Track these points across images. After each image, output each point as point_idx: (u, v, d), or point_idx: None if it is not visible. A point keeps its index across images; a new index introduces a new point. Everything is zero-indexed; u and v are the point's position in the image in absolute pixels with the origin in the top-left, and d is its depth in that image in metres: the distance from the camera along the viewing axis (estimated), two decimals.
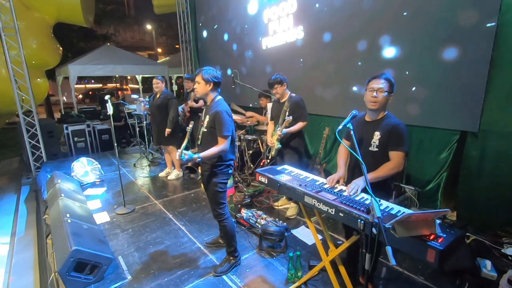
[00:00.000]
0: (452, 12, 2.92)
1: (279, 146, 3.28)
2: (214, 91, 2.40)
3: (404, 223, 1.34)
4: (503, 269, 2.33)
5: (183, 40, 8.43)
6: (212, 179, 2.42)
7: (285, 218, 3.43)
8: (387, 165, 1.87)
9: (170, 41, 24.77)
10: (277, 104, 3.43)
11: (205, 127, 2.38)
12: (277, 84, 3.27)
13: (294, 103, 3.25)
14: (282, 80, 3.27)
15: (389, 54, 3.57)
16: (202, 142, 2.44)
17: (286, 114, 3.23)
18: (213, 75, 2.33)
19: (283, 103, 3.32)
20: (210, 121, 2.33)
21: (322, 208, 1.76)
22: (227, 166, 2.44)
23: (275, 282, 2.38)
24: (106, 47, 9.51)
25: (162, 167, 5.50)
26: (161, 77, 4.60)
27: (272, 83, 3.30)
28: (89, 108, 10.52)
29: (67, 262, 2.22)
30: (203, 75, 2.31)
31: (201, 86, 2.35)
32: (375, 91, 1.88)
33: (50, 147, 5.92)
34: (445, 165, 3.14)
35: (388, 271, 2.46)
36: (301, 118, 3.25)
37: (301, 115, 3.25)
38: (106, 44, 10.99)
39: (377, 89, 1.87)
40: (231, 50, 6.74)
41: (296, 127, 3.23)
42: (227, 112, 2.32)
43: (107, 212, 3.70)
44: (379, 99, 1.88)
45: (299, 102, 3.28)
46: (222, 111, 2.29)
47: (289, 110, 3.23)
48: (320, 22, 4.43)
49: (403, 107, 3.42)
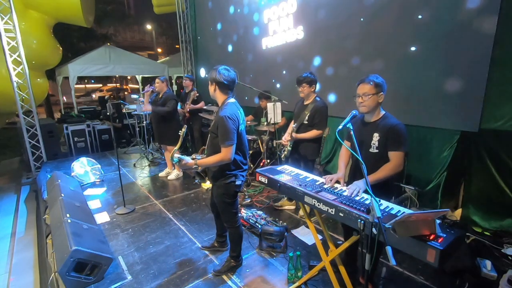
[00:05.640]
0: (452, 11, 2.92)
1: (289, 149, 3.21)
2: (222, 93, 2.19)
3: (404, 223, 1.34)
4: (503, 269, 2.33)
5: (183, 40, 8.43)
6: (217, 190, 2.28)
7: (288, 217, 3.43)
8: (387, 166, 1.88)
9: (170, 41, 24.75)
10: (300, 105, 3.25)
11: (210, 131, 2.23)
12: (306, 83, 3.05)
13: (316, 109, 3.06)
14: (312, 81, 3.05)
15: (388, 54, 3.58)
16: (208, 147, 2.29)
17: (305, 117, 3.10)
18: (217, 76, 2.13)
19: (306, 105, 3.14)
20: (214, 126, 2.17)
21: (322, 208, 1.76)
22: (230, 177, 2.22)
23: (275, 282, 2.38)
24: (106, 47, 9.50)
25: (162, 167, 5.50)
26: (164, 77, 4.56)
27: (301, 81, 3.06)
28: (89, 108, 10.52)
29: (67, 262, 2.22)
30: (210, 75, 2.18)
31: (209, 87, 2.22)
32: (361, 96, 1.92)
33: (50, 147, 5.92)
34: (445, 165, 3.14)
35: (388, 271, 2.46)
36: (317, 126, 3.06)
37: (319, 123, 3.05)
38: (106, 44, 10.98)
39: (362, 93, 1.92)
40: (231, 50, 6.75)
41: (308, 135, 3.09)
42: (230, 117, 2.06)
43: (107, 212, 3.70)
44: (366, 103, 1.91)
45: (321, 109, 3.06)
46: (224, 117, 2.05)
47: (309, 114, 3.08)
48: (320, 22, 4.43)
49: (403, 107, 3.42)
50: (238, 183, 2.26)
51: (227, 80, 2.15)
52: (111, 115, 4.03)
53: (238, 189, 2.30)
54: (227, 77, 2.15)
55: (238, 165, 2.25)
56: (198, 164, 2.13)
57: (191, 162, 2.13)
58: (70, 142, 6.60)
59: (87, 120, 7.18)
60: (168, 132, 4.54)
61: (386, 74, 3.46)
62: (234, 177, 2.24)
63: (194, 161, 2.14)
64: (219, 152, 2.11)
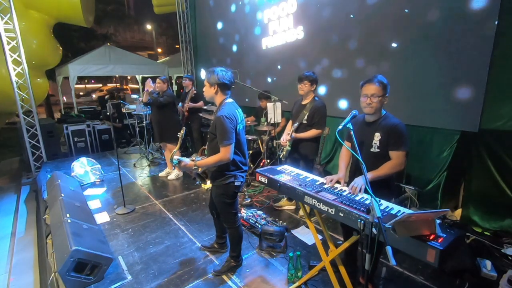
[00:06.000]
0: (453, 11, 2.92)
1: (288, 149, 3.22)
2: (222, 94, 2.21)
3: (404, 223, 1.34)
4: (503, 269, 2.34)
5: (183, 40, 8.43)
6: (216, 190, 2.29)
7: (288, 217, 3.43)
8: (388, 164, 1.88)
9: (170, 41, 24.76)
10: (299, 105, 3.26)
11: (209, 132, 2.24)
12: (307, 81, 3.07)
13: (314, 108, 3.09)
14: (314, 80, 3.09)
15: (388, 54, 3.58)
16: (207, 148, 2.30)
17: (304, 117, 3.12)
18: (218, 77, 2.14)
19: (304, 105, 3.17)
20: (212, 126, 2.19)
21: (322, 208, 1.76)
22: (229, 177, 2.22)
23: (275, 282, 2.38)
24: (106, 47, 9.51)
25: (162, 167, 5.50)
26: (165, 77, 4.59)
27: (302, 78, 3.09)
28: (89, 108, 10.52)
29: (67, 262, 2.22)
30: (207, 77, 2.17)
31: (206, 89, 2.21)
32: (369, 97, 1.90)
33: (50, 147, 5.91)
34: (445, 165, 3.15)
35: (388, 271, 2.46)
36: (317, 126, 3.09)
37: (318, 122, 3.08)
38: (106, 44, 10.97)
39: (371, 94, 1.89)
40: (231, 50, 6.75)
41: (307, 134, 3.11)
42: (228, 116, 2.08)
43: (107, 212, 3.70)
44: (374, 104, 1.90)
45: (320, 109, 3.09)
46: (222, 116, 2.06)
47: (308, 114, 3.10)
48: (320, 22, 4.43)
49: (403, 107, 3.42)
50: (237, 184, 2.26)
51: (228, 81, 2.18)
52: (111, 115, 4.03)
53: (237, 189, 2.29)
54: (228, 77, 2.18)
55: (237, 166, 2.25)
56: (198, 165, 2.13)
57: (191, 163, 2.13)
58: (70, 142, 6.60)
59: (87, 120, 7.18)
60: (168, 129, 4.55)
61: (386, 74, 3.47)
62: (233, 177, 2.23)
63: (193, 162, 2.14)
64: (217, 153, 2.12)
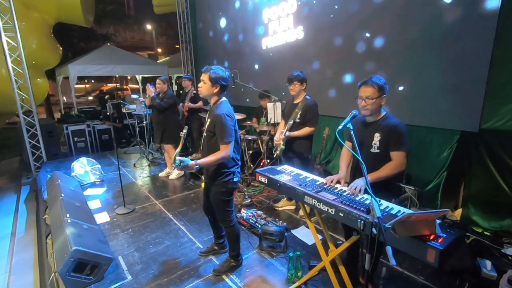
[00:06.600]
0: (453, 11, 2.92)
1: (282, 147, 3.24)
2: (220, 93, 2.23)
3: (404, 223, 1.34)
4: (503, 269, 2.33)
5: (183, 40, 8.43)
6: (214, 188, 2.30)
7: (288, 217, 3.43)
8: (389, 165, 1.88)
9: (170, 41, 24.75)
10: (291, 104, 3.31)
11: (205, 131, 2.26)
12: (297, 81, 3.14)
13: (306, 107, 3.14)
14: (303, 79, 3.15)
15: (388, 54, 3.58)
16: (204, 147, 2.32)
17: (297, 116, 3.16)
18: (222, 77, 2.14)
19: (296, 104, 3.22)
20: (210, 125, 2.19)
21: (322, 208, 1.76)
22: (229, 174, 2.27)
23: (275, 282, 2.38)
24: (106, 47, 9.51)
25: (162, 167, 5.50)
26: (165, 77, 4.59)
27: (292, 79, 3.15)
28: (89, 108, 10.51)
29: (67, 262, 2.22)
30: (211, 75, 2.13)
31: (206, 86, 2.16)
32: (364, 99, 1.91)
33: (50, 147, 5.91)
34: (445, 165, 3.15)
35: (388, 271, 2.46)
36: (310, 123, 3.14)
37: (310, 120, 3.14)
38: (106, 44, 10.97)
39: (365, 97, 1.90)
40: (230, 50, 6.75)
41: (301, 132, 3.15)
42: (228, 114, 2.13)
43: (107, 212, 3.70)
44: (369, 106, 1.90)
45: (312, 107, 3.15)
46: (222, 114, 2.09)
47: (301, 112, 3.15)
48: (320, 22, 4.44)
49: (403, 107, 3.42)
50: (235, 180, 2.33)
51: (229, 81, 2.23)
52: (111, 115, 4.03)
53: (235, 185, 2.36)
54: (229, 78, 2.23)
55: (235, 162, 2.32)
56: (199, 164, 2.13)
57: (192, 163, 2.13)
58: (70, 142, 6.60)
59: (87, 120, 7.18)
60: (167, 131, 4.56)
61: (386, 74, 3.50)
62: (232, 174, 2.29)
63: (194, 162, 2.14)
64: (215, 151, 2.14)
